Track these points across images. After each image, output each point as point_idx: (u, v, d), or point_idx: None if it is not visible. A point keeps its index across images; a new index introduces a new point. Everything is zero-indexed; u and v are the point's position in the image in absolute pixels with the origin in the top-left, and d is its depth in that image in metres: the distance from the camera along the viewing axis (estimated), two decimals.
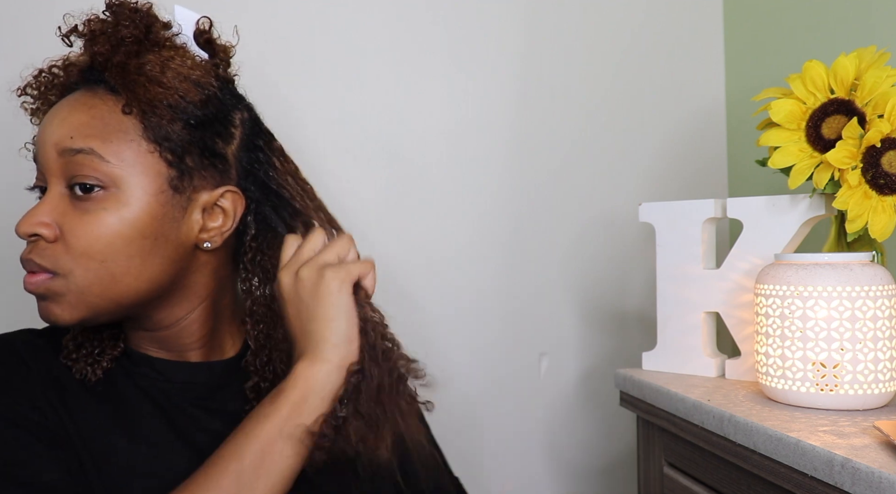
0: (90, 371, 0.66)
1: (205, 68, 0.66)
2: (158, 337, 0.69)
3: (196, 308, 0.68)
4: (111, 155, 0.61)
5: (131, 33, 0.63)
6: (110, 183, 0.61)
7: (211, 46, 0.69)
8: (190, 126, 0.63)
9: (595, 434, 1.29)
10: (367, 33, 1.17)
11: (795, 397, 0.74)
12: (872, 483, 0.55)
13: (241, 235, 0.70)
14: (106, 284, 0.62)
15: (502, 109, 1.24)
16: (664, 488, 0.89)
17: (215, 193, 0.66)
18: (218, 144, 0.66)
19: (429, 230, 1.20)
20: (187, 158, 0.64)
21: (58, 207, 0.62)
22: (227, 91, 0.68)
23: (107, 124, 0.62)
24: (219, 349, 0.72)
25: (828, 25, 1.11)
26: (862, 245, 0.81)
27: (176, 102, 0.62)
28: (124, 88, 0.62)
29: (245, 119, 0.69)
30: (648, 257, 1.23)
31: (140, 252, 0.62)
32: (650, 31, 1.32)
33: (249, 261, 0.70)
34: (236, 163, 0.68)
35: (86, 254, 0.61)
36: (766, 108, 0.84)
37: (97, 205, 0.61)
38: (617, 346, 1.30)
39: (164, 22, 0.66)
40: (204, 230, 0.66)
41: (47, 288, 0.61)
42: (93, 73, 0.64)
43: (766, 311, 0.77)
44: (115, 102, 0.63)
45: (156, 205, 0.62)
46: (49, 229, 0.61)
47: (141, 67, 0.62)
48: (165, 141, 0.62)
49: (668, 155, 1.33)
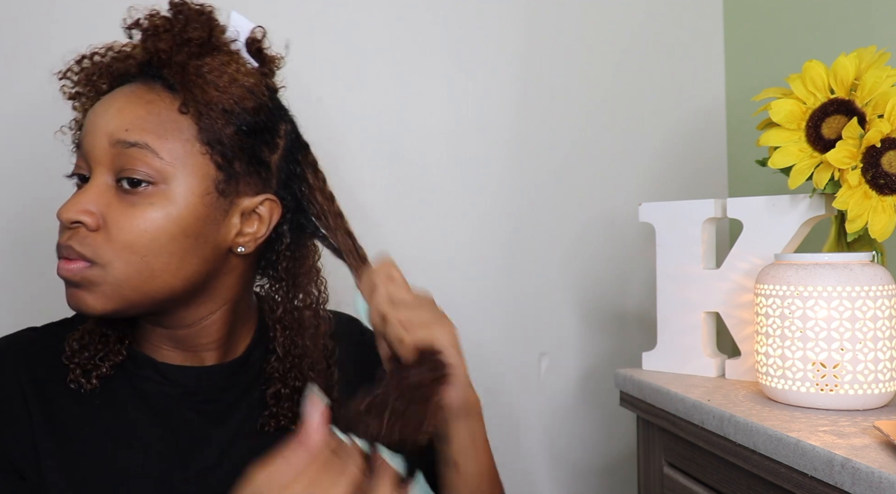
0: (85, 382, 0.65)
1: (257, 77, 0.66)
2: (177, 336, 0.69)
3: (218, 310, 0.69)
4: (164, 152, 0.61)
5: (197, 35, 0.63)
6: (160, 179, 0.61)
7: (261, 56, 0.69)
8: (242, 132, 0.64)
9: (595, 434, 1.29)
10: (368, 33, 1.17)
11: (795, 397, 0.74)
12: (872, 483, 0.55)
13: (273, 243, 0.71)
14: (144, 278, 0.62)
15: (502, 109, 1.24)
16: (664, 488, 0.89)
17: (255, 199, 0.66)
18: (264, 153, 0.67)
19: (429, 230, 1.20)
20: (236, 163, 0.64)
21: (102, 196, 0.62)
22: (275, 101, 0.69)
23: (163, 121, 0.62)
24: (232, 349, 0.72)
25: (828, 25, 1.11)
26: (862, 245, 0.81)
27: (231, 107, 0.63)
28: (183, 87, 0.62)
29: (289, 130, 0.70)
30: (648, 257, 1.23)
31: (180, 250, 0.62)
32: (650, 32, 1.32)
33: (284, 270, 0.71)
34: (277, 172, 0.69)
35: (128, 247, 0.61)
36: (766, 108, 0.84)
37: (144, 199, 0.61)
38: (617, 346, 1.30)
39: (222, 26, 0.67)
40: (240, 235, 0.67)
41: (83, 277, 0.61)
42: (151, 68, 0.64)
43: (766, 311, 0.77)
44: (171, 100, 0.63)
45: (200, 206, 0.63)
46: (92, 218, 0.61)
47: (200, 69, 0.62)
48: (218, 144, 0.63)
49: (668, 155, 1.33)
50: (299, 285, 0.71)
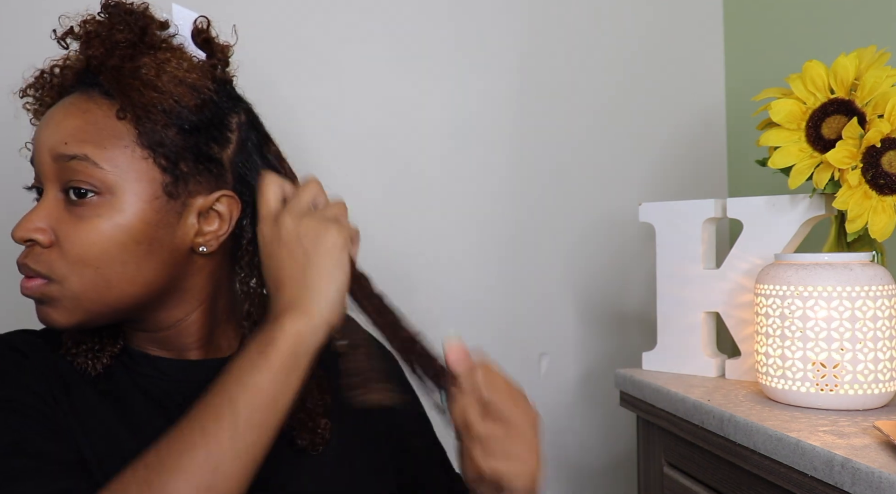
0: (91, 365, 0.65)
1: (202, 70, 0.65)
2: (158, 338, 0.69)
3: (195, 310, 0.68)
4: (105, 161, 0.61)
5: (126, 37, 0.62)
6: (105, 189, 0.61)
7: (209, 46, 0.68)
8: (184, 131, 0.63)
9: (595, 433, 1.29)
10: (367, 33, 1.17)
11: (795, 397, 0.74)
12: (872, 483, 0.55)
13: (238, 237, 0.69)
14: (101, 290, 0.61)
15: (503, 110, 1.24)
16: (664, 488, 0.89)
17: (211, 197, 0.65)
18: (213, 149, 0.65)
19: (429, 230, 1.20)
20: (181, 163, 0.63)
21: (53, 212, 0.61)
22: (225, 93, 0.67)
23: (101, 130, 0.61)
24: (217, 348, 0.72)
25: (828, 25, 1.11)
26: (862, 245, 0.81)
27: (171, 107, 0.62)
28: (119, 92, 0.61)
29: (242, 122, 0.68)
30: (648, 257, 1.23)
31: (135, 258, 0.62)
32: (650, 32, 1.32)
33: (247, 264, 0.69)
34: (232, 167, 0.67)
35: (80, 261, 0.60)
36: (765, 108, 0.84)
37: (92, 211, 0.61)
38: (617, 346, 1.30)
39: (161, 21, 0.65)
40: (200, 235, 0.65)
41: (43, 293, 0.61)
42: (88, 75, 0.64)
43: (766, 311, 0.77)
44: (109, 107, 0.62)
45: (150, 211, 0.62)
46: (44, 235, 0.61)
47: (136, 71, 0.61)
48: (159, 147, 0.62)
49: (668, 155, 1.33)
50: None
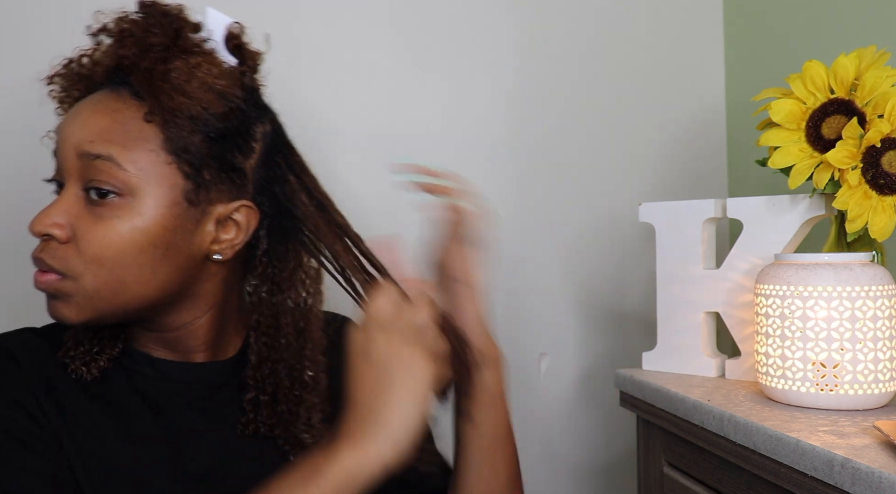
0: (85, 371, 0.65)
1: (231, 77, 0.64)
2: (165, 339, 0.69)
3: (204, 314, 0.68)
4: (129, 163, 0.60)
5: (160, 40, 0.62)
6: (126, 191, 0.61)
7: (240, 52, 0.67)
8: (210, 139, 0.62)
9: (595, 433, 1.29)
10: (368, 33, 1.17)
11: (795, 397, 0.74)
12: (872, 483, 0.55)
13: (253, 247, 0.69)
14: (115, 290, 0.61)
15: (502, 110, 1.24)
16: (664, 488, 0.89)
17: (230, 206, 0.65)
18: (237, 158, 0.65)
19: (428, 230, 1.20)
20: (204, 171, 0.63)
21: (72, 208, 0.61)
22: (252, 102, 0.66)
23: (128, 131, 0.61)
24: (222, 350, 0.72)
25: (828, 25, 1.11)
26: (862, 245, 0.81)
27: (198, 114, 0.61)
28: (149, 94, 0.61)
29: (267, 132, 0.67)
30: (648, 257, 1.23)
31: (150, 261, 0.62)
32: (650, 32, 1.32)
33: (260, 275, 0.69)
34: (253, 177, 0.67)
35: (96, 260, 0.60)
36: (765, 108, 0.84)
37: (111, 212, 0.61)
38: (617, 346, 1.30)
39: (194, 24, 0.65)
40: (216, 242, 0.65)
41: (56, 288, 0.61)
42: (119, 74, 0.63)
43: (766, 311, 0.77)
44: (137, 108, 0.62)
45: (169, 216, 0.62)
46: (62, 230, 0.61)
47: (167, 75, 0.61)
48: (184, 153, 0.62)
49: (668, 155, 1.33)
50: (281, 290, 0.69)
